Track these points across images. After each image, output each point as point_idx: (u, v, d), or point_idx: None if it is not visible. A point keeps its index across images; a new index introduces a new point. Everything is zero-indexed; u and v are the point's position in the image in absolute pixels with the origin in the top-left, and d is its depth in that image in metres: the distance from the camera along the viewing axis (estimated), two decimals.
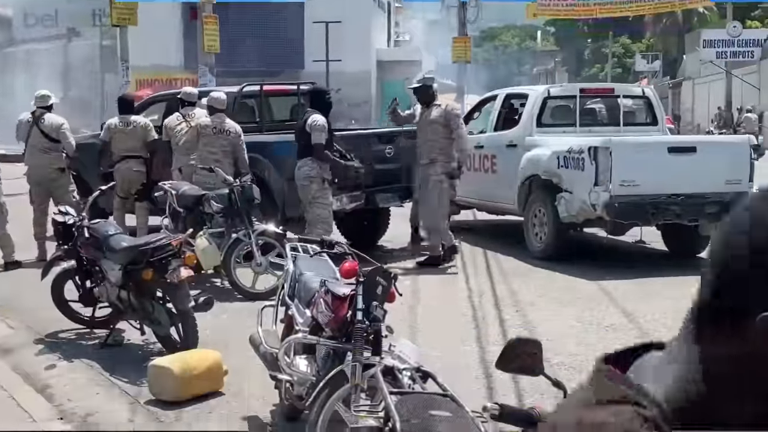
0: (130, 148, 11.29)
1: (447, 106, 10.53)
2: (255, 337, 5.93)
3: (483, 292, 9.07)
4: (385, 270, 5.00)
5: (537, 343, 2.69)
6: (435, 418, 3.21)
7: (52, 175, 11.20)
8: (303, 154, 9.64)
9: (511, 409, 2.61)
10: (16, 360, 7.15)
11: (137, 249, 6.95)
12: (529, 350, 2.65)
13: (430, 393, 3.60)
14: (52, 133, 11.12)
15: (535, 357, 2.66)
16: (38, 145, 11.11)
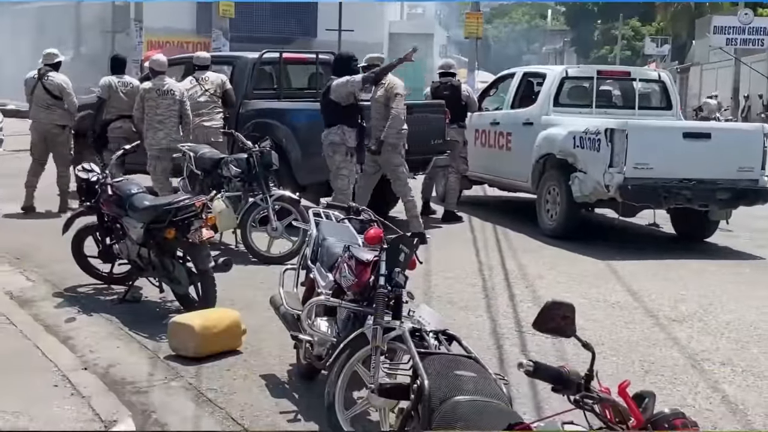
0: (126, 108, 11.48)
1: (388, 84, 10.29)
2: (276, 298, 6.08)
3: (493, 267, 9.24)
4: (409, 237, 5.16)
5: (570, 307, 2.86)
6: (461, 377, 3.37)
7: (53, 130, 11.61)
8: (329, 123, 9.69)
9: (544, 366, 2.77)
10: (36, 312, 7.30)
11: (161, 208, 7.09)
12: (563, 313, 2.82)
13: (455, 354, 3.76)
14: (55, 90, 11.44)
15: (568, 320, 2.83)
16: (42, 102, 11.50)
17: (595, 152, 10.21)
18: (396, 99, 10.15)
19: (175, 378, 5.89)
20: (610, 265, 9.47)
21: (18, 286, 8.04)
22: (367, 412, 5.12)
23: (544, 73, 12.39)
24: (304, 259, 6.06)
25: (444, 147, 11.61)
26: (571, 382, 2.69)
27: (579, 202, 10.59)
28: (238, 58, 11.84)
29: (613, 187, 10.04)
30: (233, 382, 5.84)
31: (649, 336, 7.02)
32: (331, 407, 4.94)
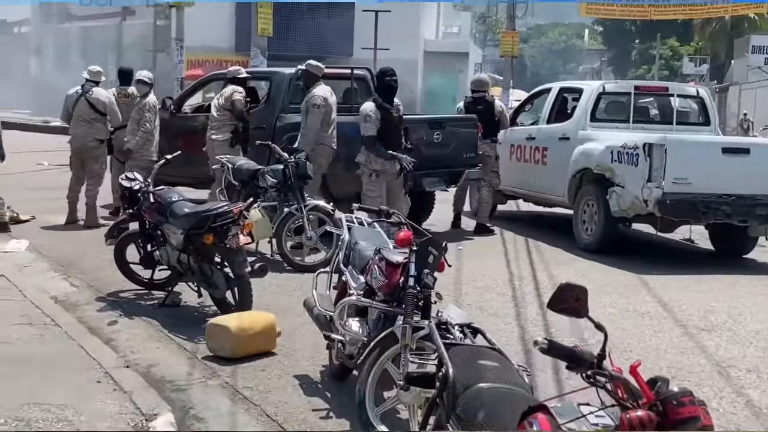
0: (127, 119, 12.06)
1: (309, 95, 10.45)
2: (309, 300, 6.29)
3: (523, 277, 9.38)
4: (437, 241, 5.34)
5: (583, 289, 3.03)
6: (484, 366, 3.53)
7: (90, 144, 11.98)
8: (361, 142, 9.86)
9: (558, 344, 2.93)
10: (80, 315, 7.56)
11: (200, 215, 7.33)
12: (576, 295, 3.00)
13: (479, 345, 3.93)
14: (99, 105, 11.77)
15: (581, 302, 3.00)
16: (84, 116, 11.82)
17: (633, 167, 10.23)
18: (312, 111, 10.31)
19: (213, 377, 6.10)
20: (641, 277, 9.56)
21: (63, 291, 8.31)
22: (396, 410, 5.30)
23: (581, 88, 12.45)
24: (337, 262, 6.26)
25: (476, 161, 11.78)
26: (584, 360, 2.85)
27: (616, 217, 10.62)
28: (275, 73, 12.10)
29: (652, 201, 10.06)
30: (268, 382, 6.04)
31: (677, 344, 7.12)
32: (362, 404, 5.12)
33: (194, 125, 12.55)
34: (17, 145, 20.39)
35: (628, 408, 2.66)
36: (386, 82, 9.69)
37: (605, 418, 2.79)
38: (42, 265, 9.43)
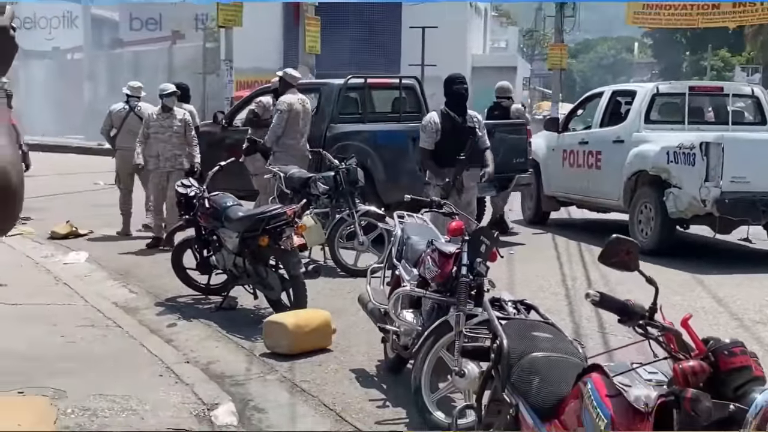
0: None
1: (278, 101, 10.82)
2: (364, 295, 6.39)
3: (576, 277, 9.39)
4: (490, 230, 5.42)
5: (634, 244, 3.09)
6: (537, 337, 3.60)
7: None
8: None
9: (609, 297, 2.99)
10: (141, 318, 7.74)
11: (254, 217, 7.48)
12: (627, 248, 3.05)
13: (533, 319, 3.99)
14: None
15: (632, 255, 3.06)
16: (134, 129, 12.00)
17: (690, 167, 10.14)
18: (275, 114, 10.71)
19: (271, 372, 6.23)
20: (696, 276, 9.51)
21: (123, 298, 8.50)
22: (452, 398, 5.37)
23: (634, 90, 12.33)
24: (390, 257, 6.36)
25: (526, 166, 11.82)
26: (636, 313, 2.90)
27: (674, 219, 10.54)
28: (325, 84, 12.27)
29: (710, 201, 9.95)
30: (325, 375, 6.15)
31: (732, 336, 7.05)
32: (418, 391, 5.21)
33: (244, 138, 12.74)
34: (74, 167, 21.00)
35: (680, 359, 2.70)
36: (455, 90, 8.77)
37: (658, 374, 2.84)
38: (101, 274, 9.65)
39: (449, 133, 8.58)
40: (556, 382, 3.28)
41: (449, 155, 8.61)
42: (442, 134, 8.59)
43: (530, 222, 13.32)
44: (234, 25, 24.54)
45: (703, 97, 12.74)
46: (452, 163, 8.61)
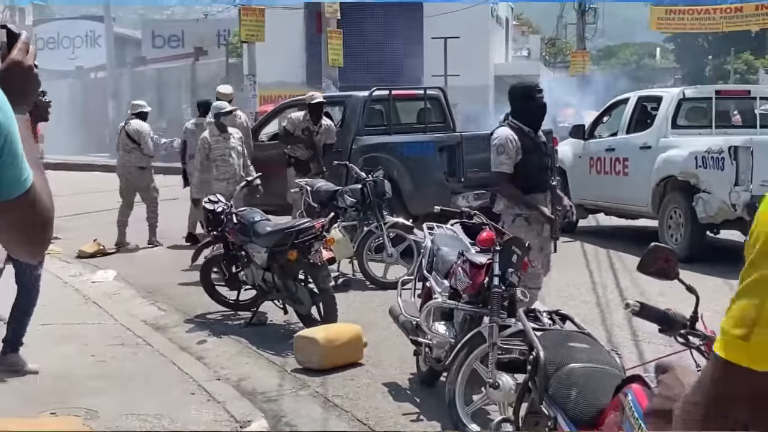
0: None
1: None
2: (395, 308, 6.35)
3: (607, 285, 9.29)
4: (521, 240, 5.36)
5: (672, 251, 3.03)
6: (574, 348, 3.54)
7: (132, 171, 12.67)
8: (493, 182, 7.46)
9: (649, 306, 2.93)
10: (170, 336, 7.73)
11: (283, 232, 7.46)
12: (665, 256, 2.99)
13: (569, 330, 3.93)
14: (134, 135, 12.47)
15: (671, 263, 3.00)
16: (123, 146, 12.63)
17: (719, 171, 10.03)
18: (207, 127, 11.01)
19: (303, 387, 6.20)
20: (728, 282, 9.36)
21: (152, 315, 8.50)
22: (486, 410, 5.31)
23: (660, 95, 12.23)
24: (420, 269, 6.31)
25: (553, 174, 11.69)
26: (677, 322, 2.84)
27: (704, 224, 10.41)
28: (350, 96, 12.26)
29: (740, 205, 9.81)
30: (357, 390, 6.10)
31: None
32: (452, 404, 5.15)
33: (270, 153, 12.75)
34: (99, 185, 21.04)
35: None
36: (534, 102, 6.70)
37: None
38: (130, 292, 9.65)
39: (530, 153, 6.71)
40: (594, 394, 3.22)
41: (534, 179, 6.75)
42: (523, 154, 6.64)
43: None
44: (256, 40, 24.65)
45: (729, 100, 12.61)
46: (541, 187, 6.87)
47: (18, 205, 1.71)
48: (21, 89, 1.87)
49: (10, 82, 1.83)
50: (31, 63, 1.88)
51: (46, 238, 1.83)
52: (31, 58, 1.88)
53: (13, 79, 1.84)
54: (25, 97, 1.88)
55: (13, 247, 1.87)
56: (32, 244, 1.85)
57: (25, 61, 1.87)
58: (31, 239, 1.81)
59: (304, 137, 11.24)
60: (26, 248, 1.89)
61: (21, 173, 1.70)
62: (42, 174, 1.81)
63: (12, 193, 1.70)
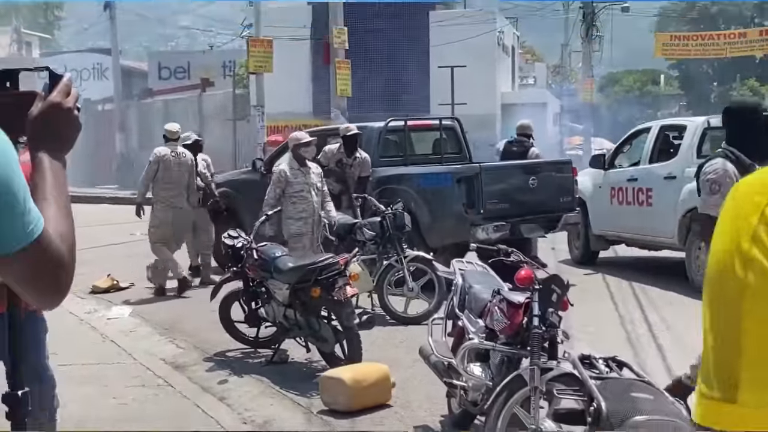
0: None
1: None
2: (426, 347, 6.15)
3: (634, 320, 9.09)
4: (560, 278, 5.17)
5: None
6: (637, 399, 3.36)
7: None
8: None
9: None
10: (191, 375, 7.55)
11: (305, 268, 7.28)
12: None
13: (629, 378, 3.74)
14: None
15: None
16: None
17: None
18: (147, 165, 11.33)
19: (330, 430, 5.99)
20: None
21: (171, 354, 8.32)
22: None
23: (684, 125, 11.93)
24: (451, 308, 6.13)
25: (573, 204, 11.58)
26: None
27: None
28: (364, 128, 12.09)
29: None
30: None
31: None
32: None
33: None
34: (109, 218, 20.93)
35: None
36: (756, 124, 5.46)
37: None
38: (146, 329, 9.48)
39: None
40: None
41: None
42: None
43: (579, 262, 12.98)
44: (265, 71, 24.65)
45: None
46: None
47: (22, 258, 1.62)
48: (58, 132, 1.82)
49: (48, 125, 1.80)
50: (71, 105, 1.83)
51: (61, 289, 1.72)
52: (71, 101, 1.84)
53: (51, 121, 1.81)
54: (62, 140, 1.83)
55: (26, 298, 1.77)
56: (45, 296, 1.75)
57: (65, 104, 1.82)
58: (43, 291, 1.72)
59: (336, 170, 11.01)
60: (39, 299, 1.78)
61: (22, 225, 1.61)
62: (66, 220, 1.74)
63: (10, 248, 1.60)
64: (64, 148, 1.83)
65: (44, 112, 1.81)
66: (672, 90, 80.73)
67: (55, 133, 1.81)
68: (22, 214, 1.61)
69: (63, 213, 1.74)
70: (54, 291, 1.72)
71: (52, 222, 1.69)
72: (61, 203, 1.74)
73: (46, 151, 1.78)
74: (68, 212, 1.76)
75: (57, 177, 1.77)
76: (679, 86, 75.63)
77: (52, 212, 1.71)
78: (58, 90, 1.83)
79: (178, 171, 11.41)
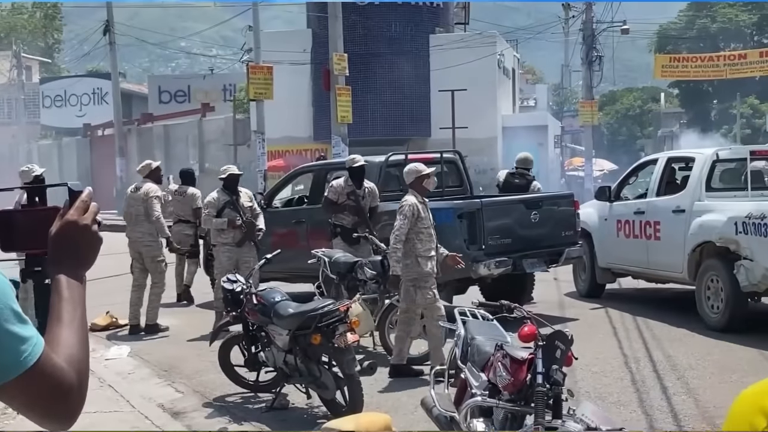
0: (182, 214, 13.27)
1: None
2: (428, 399, 6.05)
3: (639, 359, 8.97)
4: (564, 333, 5.08)
5: None
6: None
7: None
8: None
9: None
10: (189, 422, 7.43)
11: (306, 314, 7.17)
12: None
13: None
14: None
15: None
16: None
17: (762, 238, 9.55)
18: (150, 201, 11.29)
19: None
20: (764, 353, 9.05)
21: (169, 398, 8.20)
22: None
23: (692, 156, 11.65)
24: (454, 359, 6.03)
25: (575, 238, 11.48)
26: None
27: (746, 292, 9.94)
28: (366, 162, 12.04)
29: None
30: None
31: None
32: None
33: (286, 219, 12.56)
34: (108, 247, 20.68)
35: None
36: None
37: None
38: (144, 371, 9.38)
39: None
40: None
41: None
42: None
43: (584, 295, 12.83)
44: (265, 98, 24.65)
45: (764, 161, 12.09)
46: None
47: (15, 386, 1.61)
48: (77, 250, 1.81)
49: (66, 243, 1.79)
50: (89, 222, 1.82)
51: (68, 415, 1.70)
52: (89, 217, 1.82)
53: (69, 239, 1.79)
54: (79, 258, 1.81)
55: (34, 422, 1.73)
56: (50, 421, 1.72)
57: (81, 221, 1.80)
58: (46, 416, 1.70)
59: (351, 203, 10.83)
60: (45, 424, 1.74)
61: (13, 355, 1.60)
62: (80, 343, 1.75)
63: (4, 377, 1.59)
64: (84, 265, 1.82)
65: (62, 230, 1.80)
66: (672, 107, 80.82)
67: (73, 251, 1.80)
68: (15, 343, 1.60)
69: (76, 336, 1.74)
70: (60, 416, 1.69)
71: (62, 345, 1.69)
72: (75, 325, 1.74)
73: (64, 269, 1.78)
74: (83, 334, 1.76)
75: (73, 297, 1.77)
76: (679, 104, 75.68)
77: (64, 335, 1.71)
78: (76, 206, 1.82)
79: None
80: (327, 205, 11.05)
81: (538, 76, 62.66)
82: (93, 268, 1.88)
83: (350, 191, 10.85)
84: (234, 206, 10.66)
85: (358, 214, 10.84)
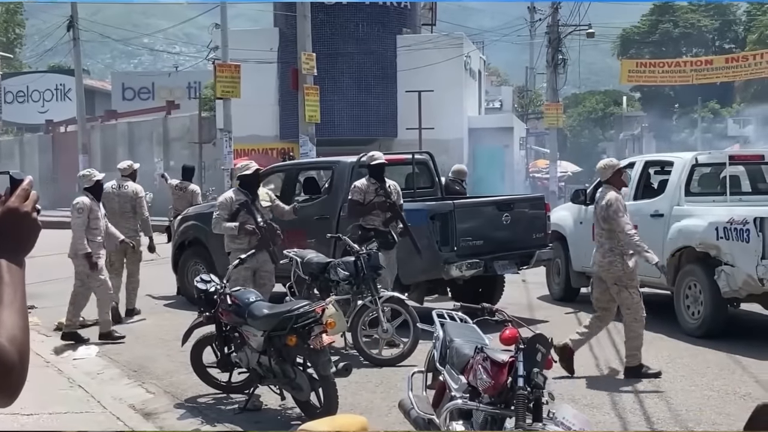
0: (182, 209, 13.80)
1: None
2: (406, 402, 6.04)
3: (609, 360, 9.04)
4: (544, 336, 5.10)
5: None
6: None
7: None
8: None
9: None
10: (161, 424, 7.36)
11: (281, 316, 7.13)
12: None
13: None
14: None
15: None
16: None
17: (743, 243, 9.50)
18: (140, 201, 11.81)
19: None
20: (733, 357, 9.14)
21: (140, 399, 8.13)
22: None
23: (671, 161, 11.61)
24: (432, 361, 6.02)
25: (546, 240, 11.55)
26: None
27: (727, 298, 9.91)
28: (337, 162, 12.01)
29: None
30: None
31: None
32: None
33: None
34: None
35: None
36: None
37: None
38: (114, 371, 9.29)
39: None
40: None
41: None
42: None
43: (559, 299, 12.84)
44: (232, 96, 24.49)
45: (742, 166, 12.14)
46: None
47: None
48: (17, 237, 1.89)
49: (6, 230, 1.87)
50: (29, 209, 1.90)
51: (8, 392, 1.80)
52: (30, 205, 1.90)
53: (10, 226, 1.87)
54: (21, 244, 1.90)
55: None
56: None
57: (21, 208, 1.88)
58: None
59: (381, 200, 10.29)
60: None
61: None
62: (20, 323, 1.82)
63: None
64: (24, 250, 1.90)
65: (3, 216, 1.87)
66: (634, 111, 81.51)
67: (14, 237, 1.88)
68: None
69: (16, 316, 1.81)
70: (2, 393, 1.79)
71: (3, 326, 1.78)
72: (15, 307, 1.82)
73: (5, 254, 1.86)
74: (22, 315, 1.84)
75: (13, 280, 1.84)
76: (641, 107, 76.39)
77: (4, 316, 1.79)
78: (17, 194, 1.89)
79: None
80: (353, 208, 10.43)
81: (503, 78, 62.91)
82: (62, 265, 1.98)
83: (377, 187, 10.33)
84: (249, 209, 9.76)
85: (391, 210, 10.34)
